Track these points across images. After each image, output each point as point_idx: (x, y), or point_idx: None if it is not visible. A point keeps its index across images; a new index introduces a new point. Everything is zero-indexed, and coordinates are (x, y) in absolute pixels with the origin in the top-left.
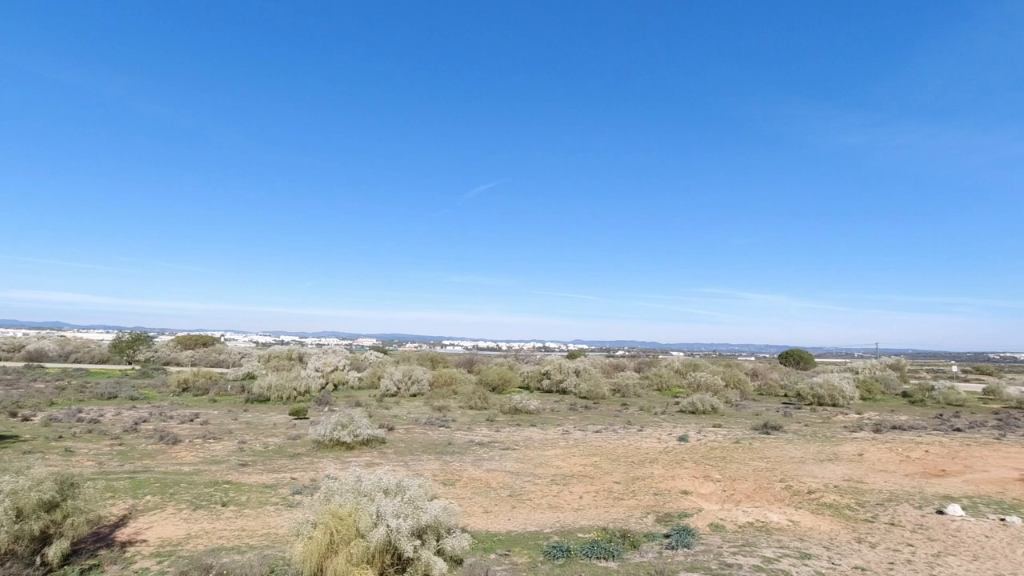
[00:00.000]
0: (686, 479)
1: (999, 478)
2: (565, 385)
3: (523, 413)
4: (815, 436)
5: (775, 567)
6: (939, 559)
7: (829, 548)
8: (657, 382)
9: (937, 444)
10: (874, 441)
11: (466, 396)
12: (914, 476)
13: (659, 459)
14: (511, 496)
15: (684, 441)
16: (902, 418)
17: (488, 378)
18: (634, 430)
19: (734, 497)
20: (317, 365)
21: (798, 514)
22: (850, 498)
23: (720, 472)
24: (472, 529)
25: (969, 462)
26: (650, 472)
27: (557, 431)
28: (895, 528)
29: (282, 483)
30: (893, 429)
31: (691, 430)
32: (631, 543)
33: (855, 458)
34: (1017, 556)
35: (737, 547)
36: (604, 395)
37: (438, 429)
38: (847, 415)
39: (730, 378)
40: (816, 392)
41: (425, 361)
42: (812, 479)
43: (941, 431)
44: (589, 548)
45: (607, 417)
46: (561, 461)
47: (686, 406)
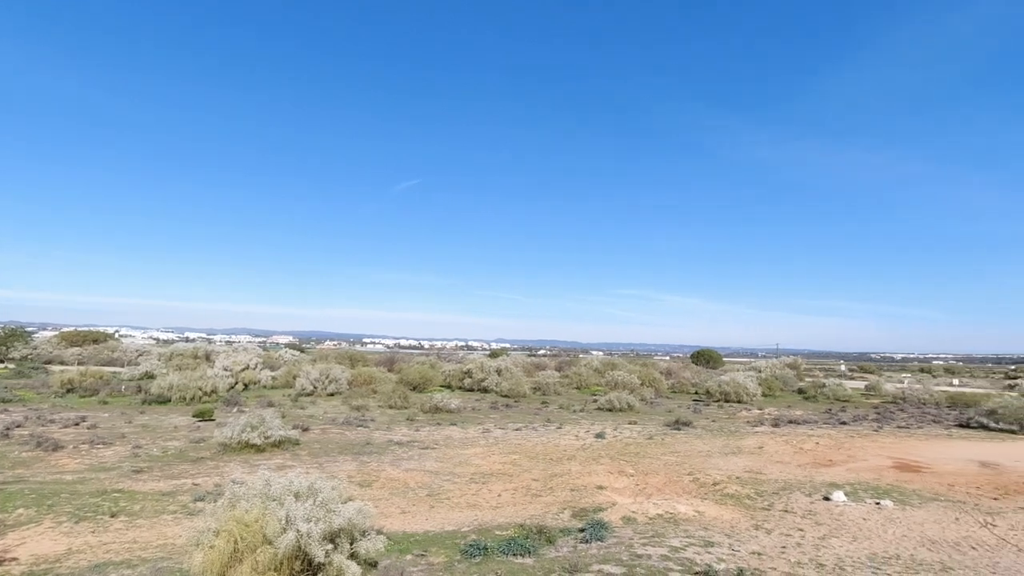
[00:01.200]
0: (602, 475)
1: (876, 466)
2: (487, 384)
3: (444, 412)
4: (721, 431)
5: (681, 555)
6: (824, 541)
7: (730, 535)
8: (577, 381)
9: (826, 437)
10: (773, 435)
11: (386, 395)
12: (806, 466)
13: (577, 456)
14: (430, 496)
15: (601, 438)
16: (797, 413)
17: (409, 377)
18: (553, 428)
19: (646, 491)
20: (226, 363)
21: (704, 505)
22: (750, 488)
23: (634, 467)
24: (389, 530)
25: (852, 452)
26: (568, 469)
27: (478, 430)
28: (788, 514)
29: (182, 490)
30: (789, 423)
31: (608, 427)
32: (547, 538)
33: (756, 451)
34: (888, 535)
35: (647, 538)
36: (525, 393)
37: (356, 429)
38: (750, 411)
39: (646, 377)
40: (723, 390)
41: (344, 359)
42: (717, 471)
43: (830, 425)
44: (506, 545)
45: (527, 415)
46: (481, 460)
47: (604, 404)
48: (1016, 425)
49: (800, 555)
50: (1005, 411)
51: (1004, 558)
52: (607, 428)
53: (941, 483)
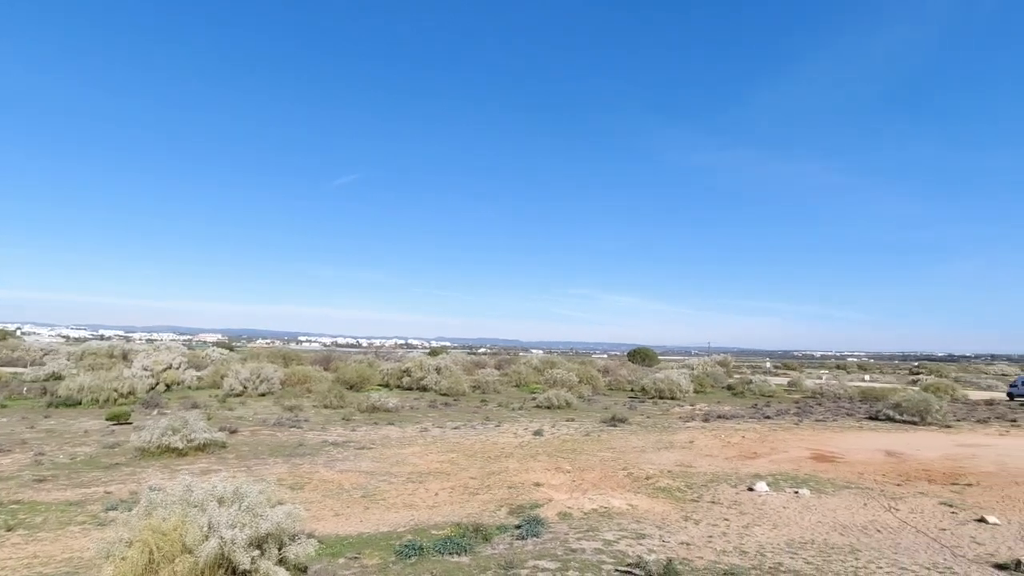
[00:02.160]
0: (539, 471)
1: (795, 457)
2: (426, 382)
3: (381, 411)
4: (655, 427)
5: (614, 548)
6: (747, 530)
7: (661, 527)
8: (516, 379)
9: (752, 431)
10: (703, 429)
11: (321, 395)
12: (732, 459)
13: (515, 453)
14: (365, 497)
15: (539, 435)
16: (726, 408)
17: (346, 376)
18: (492, 426)
19: (582, 486)
20: (146, 363)
21: (637, 498)
22: (681, 481)
23: (571, 463)
24: (321, 533)
25: (775, 444)
26: (506, 466)
27: (416, 429)
28: (715, 505)
29: (92, 499)
30: (719, 418)
31: (546, 424)
32: (483, 536)
33: (687, 445)
34: (805, 522)
35: (582, 532)
36: (464, 392)
37: (288, 430)
38: (683, 407)
39: (584, 375)
40: (658, 387)
41: (277, 358)
42: (650, 466)
43: (755, 419)
44: (442, 544)
45: (466, 414)
46: (418, 459)
47: (542, 402)
48: (917, 417)
49: (725, 543)
50: (908, 404)
51: (904, 539)
52: (545, 425)
53: (852, 472)
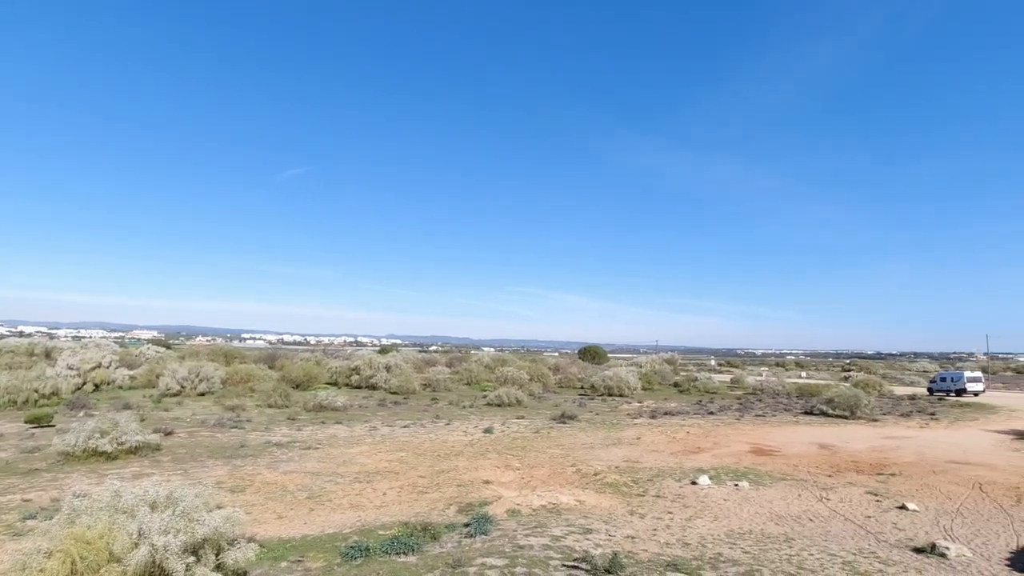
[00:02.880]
0: (489, 469)
1: (736, 451)
2: (375, 381)
3: (329, 410)
4: (604, 423)
5: (562, 543)
6: (690, 522)
7: (608, 522)
8: (467, 377)
9: (696, 426)
10: (650, 426)
11: (265, 394)
12: (677, 454)
13: (464, 451)
14: (309, 498)
15: (489, 433)
16: (672, 405)
17: (292, 374)
18: (442, 424)
19: (531, 483)
20: (71, 362)
21: (584, 494)
22: (627, 476)
23: (520, 461)
24: (263, 537)
25: (717, 440)
26: (455, 464)
27: (364, 428)
28: (660, 499)
29: (8, 507)
30: (665, 415)
31: (496, 422)
32: (432, 535)
33: (634, 441)
34: (744, 513)
35: (530, 529)
36: (415, 390)
37: (229, 431)
38: (631, 404)
39: (534, 372)
40: (607, 384)
41: (218, 356)
42: (598, 462)
43: (700, 415)
44: (389, 544)
45: (416, 412)
46: (366, 458)
47: (493, 399)
48: (848, 411)
49: (669, 536)
50: (840, 399)
51: (834, 527)
52: (496, 423)
53: (788, 464)
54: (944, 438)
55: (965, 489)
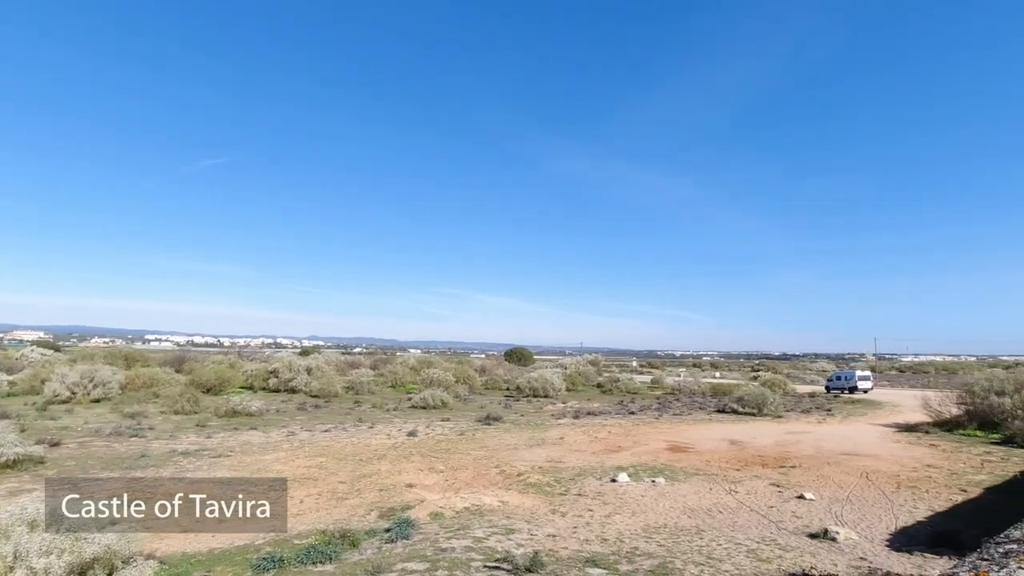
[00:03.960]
0: (412, 472)
1: (654, 449)
2: (295, 384)
3: (243, 415)
4: (528, 424)
5: (484, 544)
6: (609, 518)
7: (530, 521)
8: (392, 379)
9: (617, 426)
10: (573, 426)
11: (171, 399)
12: (599, 453)
13: (387, 455)
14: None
15: (413, 436)
16: (595, 405)
17: (203, 378)
18: (365, 427)
19: (455, 485)
20: None
21: (508, 495)
22: (550, 476)
23: (444, 463)
24: (164, 553)
25: (637, 438)
26: (377, 469)
27: (282, 433)
28: (581, 497)
29: None
30: (588, 415)
31: (421, 425)
32: (351, 542)
33: (558, 441)
34: (660, 508)
35: (453, 532)
36: (337, 393)
37: (128, 440)
38: (555, 405)
39: (460, 374)
40: (532, 386)
41: (117, 359)
42: (522, 463)
43: (621, 415)
44: (305, 554)
45: (338, 415)
46: (283, 465)
47: (418, 402)
48: (756, 409)
49: (589, 533)
50: (749, 398)
51: (741, 518)
52: (420, 426)
53: (701, 460)
54: (838, 432)
55: (854, 478)
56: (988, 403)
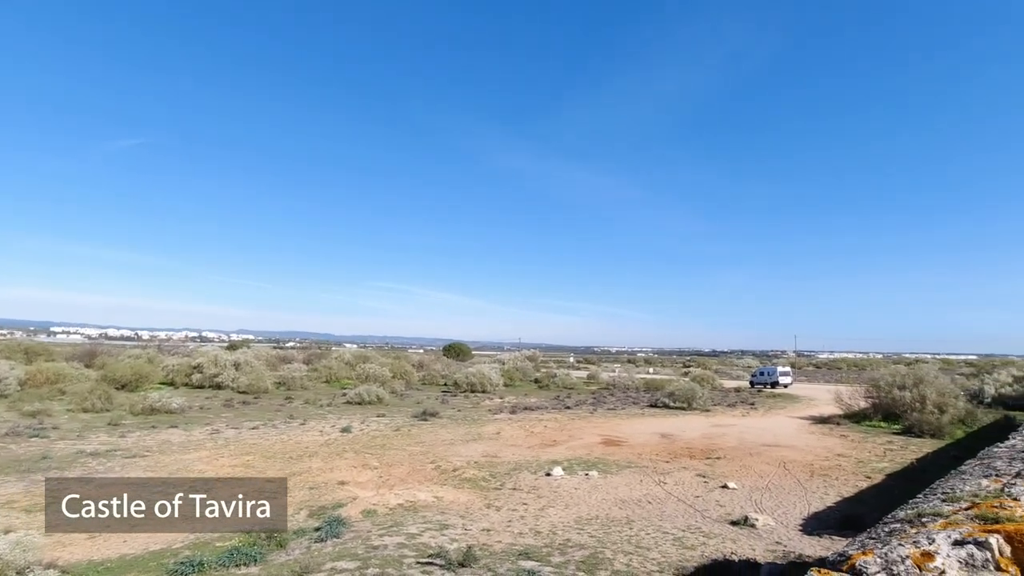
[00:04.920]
0: (345, 469)
1: (588, 443)
2: (221, 379)
3: (162, 413)
4: (465, 419)
5: (417, 540)
6: (543, 511)
7: (464, 516)
8: (327, 374)
9: (553, 420)
10: (510, 421)
11: (80, 396)
12: (535, 447)
13: (320, 452)
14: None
15: (347, 432)
16: (532, 400)
17: (117, 373)
18: (297, 424)
19: (389, 482)
20: None
21: (443, 490)
22: (486, 471)
23: (378, 459)
24: (67, 561)
25: (572, 432)
26: (309, 466)
27: (205, 431)
28: (516, 492)
29: None
30: (525, 410)
31: (355, 421)
32: (278, 543)
33: (494, 436)
34: (592, 500)
35: (385, 529)
36: (267, 389)
37: (28, 440)
38: (492, 400)
39: (397, 369)
40: (470, 381)
41: (16, 353)
42: (458, 458)
43: (557, 409)
44: (227, 556)
45: (268, 412)
46: (206, 464)
47: (353, 397)
48: (686, 403)
49: (522, 526)
50: (680, 393)
51: (669, 507)
52: (355, 422)
53: (633, 453)
54: (760, 425)
55: (774, 468)
56: (891, 397)
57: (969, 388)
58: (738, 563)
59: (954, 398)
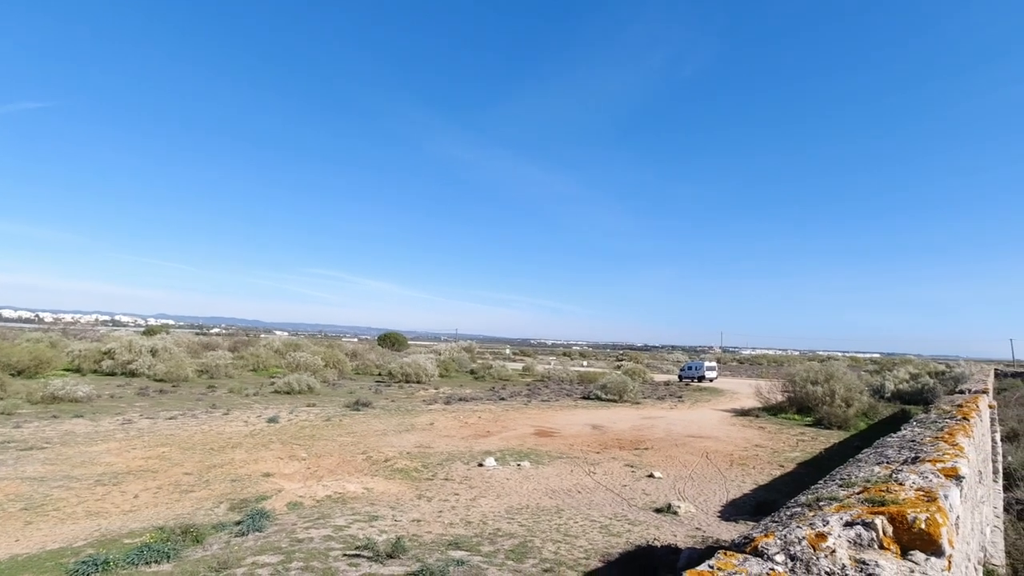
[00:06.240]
0: (270, 461)
1: (521, 434)
2: (136, 366)
3: (66, 402)
4: (399, 410)
5: (344, 533)
6: (475, 501)
7: (394, 507)
8: (254, 362)
9: (488, 411)
10: (444, 411)
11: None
12: (468, 438)
13: (243, 443)
14: (26, 509)
15: (274, 422)
16: (467, 391)
17: (12, 358)
18: (219, 414)
19: (317, 473)
20: None
21: (373, 481)
22: (418, 462)
23: (307, 450)
24: None
25: (506, 423)
26: (231, 458)
27: (115, 421)
28: (448, 482)
29: None
30: (460, 401)
31: (284, 411)
32: (195, 538)
33: (427, 427)
34: (523, 490)
35: (312, 521)
36: (187, 377)
37: None
38: (427, 390)
39: (330, 358)
40: (405, 371)
41: None
42: (390, 448)
43: (492, 401)
44: (136, 554)
45: (188, 401)
46: (115, 456)
47: (282, 387)
48: (617, 395)
49: (453, 516)
50: (612, 385)
51: (597, 496)
52: (283, 412)
53: (565, 444)
54: (686, 417)
55: (697, 458)
56: (805, 391)
57: (872, 384)
58: (660, 548)
59: (859, 393)
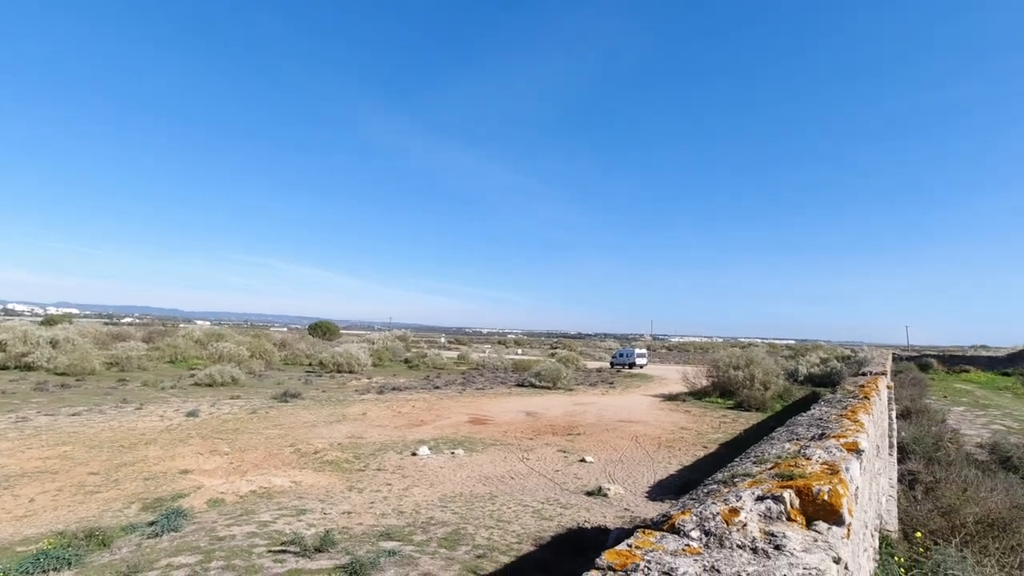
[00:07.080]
0: (189, 457)
1: (456, 422)
2: (32, 359)
3: None
4: (330, 400)
5: (270, 528)
6: (407, 491)
7: (324, 500)
8: (172, 354)
9: (422, 400)
10: (377, 401)
11: None
12: (401, 428)
13: (159, 439)
14: None
15: (193, 416)
16: (401, 380)
17: None
18: (131, 409)
19: (241, 468)
20: None
21: (302, 474)
22: (349, 453)
23: (230, 445)
24: None
25: (440, 412)
26: (144, 455)
27: (8, 419)
28: (380, 472)
29: None
30: (393, 390)
31: (205, 404)
32: (101, 542)
33: (360, 417)
34: (457, 478)
35: (234, 518)
36: (94, 370)
37: None
38: (360, 380)
39: (256, 348)
40: (337, 360)
41: None
42: (320, 440)
43: (426, 390)
44: (31, 562)
45: (95, 396)
46: (6, 458)
47: (203, 379)
48: (551, 382)
49: (385, 507)
50: (546, 372)
51: (531, 482)
52: (203, 405)
53: (499, 431)
54: (617, 402)
55: (627, 442)
56: (728, 376)
57: (788, 368)
58: (591, 530)
59: (776, 377)
